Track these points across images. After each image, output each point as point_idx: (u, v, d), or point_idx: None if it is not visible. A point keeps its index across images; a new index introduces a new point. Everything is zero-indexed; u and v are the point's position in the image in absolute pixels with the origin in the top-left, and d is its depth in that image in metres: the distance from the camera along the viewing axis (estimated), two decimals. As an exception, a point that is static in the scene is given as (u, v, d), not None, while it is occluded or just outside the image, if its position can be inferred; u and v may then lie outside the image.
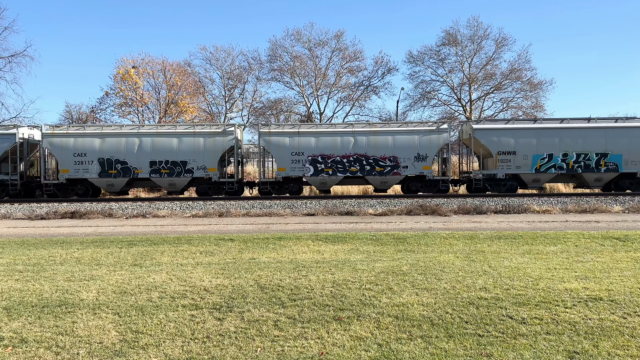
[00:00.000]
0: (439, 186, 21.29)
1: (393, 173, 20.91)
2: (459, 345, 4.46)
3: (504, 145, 20.77)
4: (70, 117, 45.84)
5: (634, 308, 5.40)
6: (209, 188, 21.44)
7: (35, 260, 8.43)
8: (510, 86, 41.86)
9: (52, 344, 4.63)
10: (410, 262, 7.89)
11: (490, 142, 20.93)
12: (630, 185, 20.97)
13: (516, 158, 20.75)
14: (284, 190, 21.39)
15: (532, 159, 20.75)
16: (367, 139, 20.95)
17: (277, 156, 21.25)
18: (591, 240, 9.75)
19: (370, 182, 21.46)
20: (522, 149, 20.72)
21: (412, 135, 21.01)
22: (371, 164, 20.90)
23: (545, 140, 20.72)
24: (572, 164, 20.59)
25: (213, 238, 10.56)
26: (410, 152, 20.85)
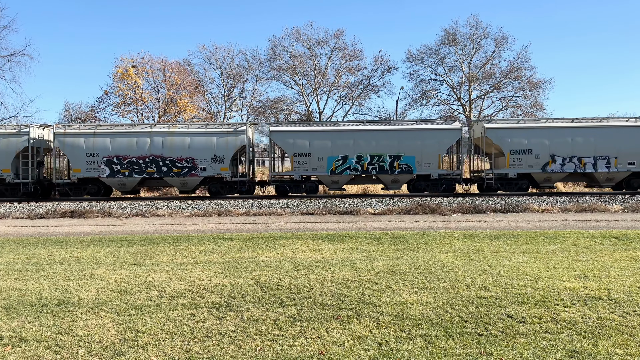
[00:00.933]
0: (239, 187, 21.28)
1: (191, 174, 20.87)
2: (459, 344, 4.47)
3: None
4: (69, 116, 45.82)
5: (633, 307, 5.40)
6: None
7: (35, 260, 8.43)
8: (509, 85, 41.87)
9: (52, 343, 4.63)
10: (410, 261, 7.90)
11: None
12: (427, 187, 21.22)
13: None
14: None
15: None
16: (164, 140, 20.85)
17: (71, 157, 21.08)
18: (590, 240, 9.75)
19: (171, 184, 21.45)
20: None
21: (209, 137, 20.95)
22: (168, 165, 20.83)
23: None
24: (366, 166, 20.62)
25: (212, 237, 10.55)
26: (207, 154, 20.82)
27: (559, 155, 20.66)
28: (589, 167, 20.62)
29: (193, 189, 21.77)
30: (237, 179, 21.32)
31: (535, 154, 20.67)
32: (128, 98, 36.62)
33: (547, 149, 20.64)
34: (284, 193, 21.07)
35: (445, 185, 21.04)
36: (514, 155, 20.71)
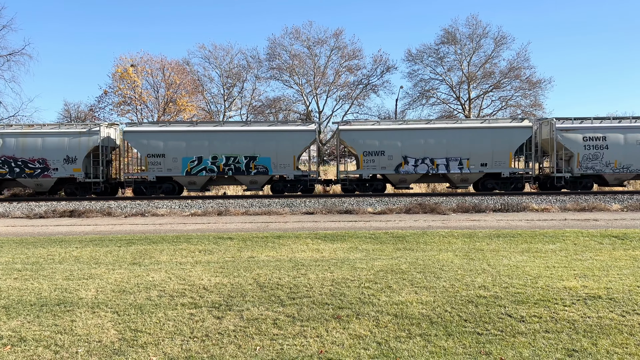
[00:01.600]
0: (94, 189, 21.11)
1: (43, 175, 20.61)
2: (458, 344, 4.47)
3: None
4: (69, 115, 45.77)
5: (632, 306, 5.41)
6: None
7: (34, 259, 8.42)
8: (509, 85, 41.93)
9: (51, 343, 4.62)
10: (410, 260, 7.90)
11: None
12: (285, 188, 21.19)
13: None
14: None
15: None
16: (16, 141, 20.53)
17: None
18: (590, 239, 9.76)
19: (25, 185, 21.21)
20: None
21: (61, 137, 20.65)
22: (20, 166, 20.53)
23: None
24: (222, 167, 20.49)
25: (212, 237, 10.55)
26: (59, 155, 20.56)
27: (411, 157, 20.57)
28: (442, 168, 20.58)
29: (49, 190, 21.48)
30: (91, 180, 21.00)
31: (388, 156, 20.57)
32: (127, 97, 36.62)
33: (400, 150, 20.56)
34: (141, 194, 20.86)
35: (303, 185, 21.04)
36: (368, 157, 20.65)
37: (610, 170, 20.58)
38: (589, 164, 20.56)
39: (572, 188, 21.01)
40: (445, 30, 42.07)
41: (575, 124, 20.98)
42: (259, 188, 21.41)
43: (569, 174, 20.89)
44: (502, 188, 21.06)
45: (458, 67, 42.34)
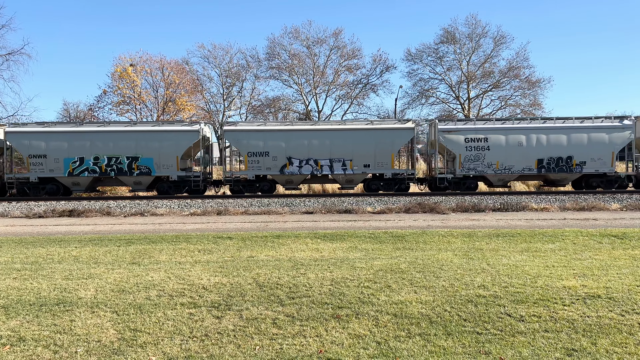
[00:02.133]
0: None
1: None
2: (458, 343, 4.47)
3: None
4: (68, 115, 45.73)
5: (632, 305, 5.41)
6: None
7: (33, 259, 8.42)
8: (508, 84, 41.92)
9: (50, 343, 4.62)
10: (409, 260, 7.90)
11: None
12: (170, 189, 21.13)
13: None
14: None
15: None
16: None
17: None
18: (589, 238, 9.76)
19: None
20: None
21: None
22: None
23: None
24: (104, 167, 20.42)
25: (211, 236, 10.55)
26: None
27: (295, 158, 20.62)
28: (326, 169, 20.65)
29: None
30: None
31: (273, 156, 20.61)
32: (127, 97, 36.59)
33: (284, 151, 20.60)
34: (25, 195, 20.77)
35: (188, 186, 21.07)
36: (252, 158, 20.69)
37: (492, 171, 20.70)
38: (470, 165, 20.66)
39: (456, 189, 21.15)
40: (444, 29, 42.09)
41: (459, 125, 21.14)
42: (144, 189, 21.45)
43: (451, 175, 21.09)
44: (386, 189, 21.19)
45: (457, 67, 42.36)
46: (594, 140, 20.52)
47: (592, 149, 20.51)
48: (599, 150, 20.52)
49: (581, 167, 20.56)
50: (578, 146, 20.53)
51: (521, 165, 20.59)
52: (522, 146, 20.56)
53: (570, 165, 20.59)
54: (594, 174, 20.81)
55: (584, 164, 20.56)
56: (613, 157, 20.68)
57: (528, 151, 20.54)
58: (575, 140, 20.56)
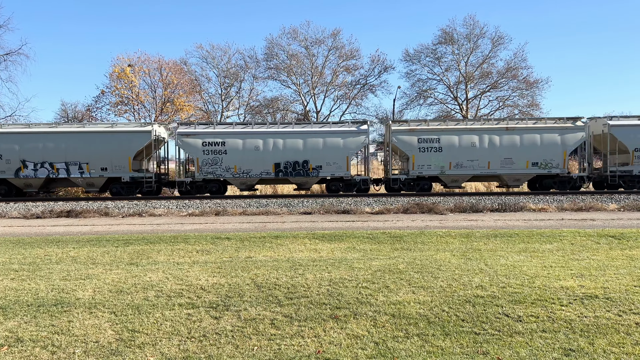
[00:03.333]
0: None
1: None
2: (456, 343, 4.47)
3: None
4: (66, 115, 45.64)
5: (629, 306, 5.42)
6: None
7: (31, 259, 8.40)
8: (506, 85, 41.95)
9: (48, 343, 4.61)
10: (407, 260, 7.90)
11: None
12: None
13: None
14: None
15: None
16: None
17: None
18: (587, 238, 9.78)
19: None
20: None
21: None
22: None
23: None
24: None
25: (209, 237, 10.54)
26: None
27: (30, 161, 20.44)
28: (63, 172, 20.44)
29: None
30: None
31: (6, 159, 20.36)
32: (125, 97, 36.53)
33: (18, 154, 20.38)
34: None
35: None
36: None
37: (230, 175, 20.75)
38: (209, 168, 20.69)
39: (197, 192, 21.23)
40: (442, 30, 42.08)
41: (199, 129, 21.21)
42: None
43: (190, 179, 21.19)
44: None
45: (455, 67, 42.35)
46: (330, 145, 20.72)
47: (328, 153, 20.73)
48: (335, 155, 20.68)
49: (317, 171, 20.71)
50: (314, 151, 20.68)
51: (259, 169, 20.70)
52: (258, 150, 20.65)
53: (307, 169, 20.72)
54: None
55: (320, 168, 20.74)
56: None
57: (265, 155, 20.65)
58: (310, 145, 20.70)
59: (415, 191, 21.00)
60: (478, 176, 21.41)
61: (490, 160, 20.71)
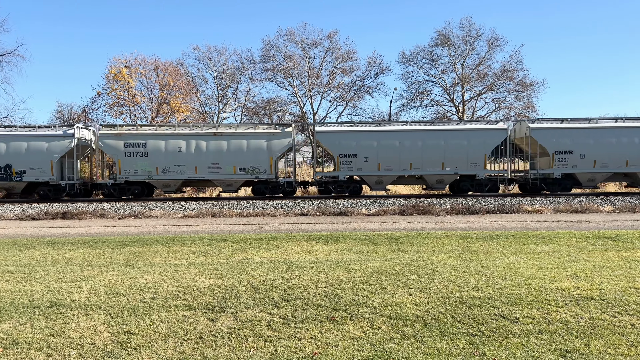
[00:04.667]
0: None
1: None
2: (452, 345, 4.48)
3: None
4: (62, 117, 45.51)
5: (624, 307, 5.44)
6: None
7: (27, 261, 8.37)
8: (502, 87, 42.08)
9: (44, 345, 4.59)
10: (403, 262, 7.91)
11: None
12: None
13: None
14: None
15: None
16: None
17: None
18: (582, 240, 9.81)
19: None
20: None
21: None
22: None
23: None
24: None
25: (206, 238, 10.52)
26: None
27: None
28: None
29: None
30: None
31: None
32: (121, 99, 36.47)
33: None
34: None
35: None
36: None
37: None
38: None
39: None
40: (439, 32, 42.12)
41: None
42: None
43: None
44: None
45: (452, 69, 42.44)
46: (33, 149, 20.64)
47: (30, 157, 20.60)
48: (38, 159, 20.63)
49: (21, 175, 20.72)
50: (16, 155, 20.62)
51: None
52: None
53: (10, 173, 20.72)
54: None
55: (23, 172, 20.73)
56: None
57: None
58: (13, 149, 20.65)
59: (125, 196, 21.12)
60: (188, 181, 21.58)
61: (198, 166, 20.79)
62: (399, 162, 20.96)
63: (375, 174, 21.08)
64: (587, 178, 21.35)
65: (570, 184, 21.43)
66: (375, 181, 21.41)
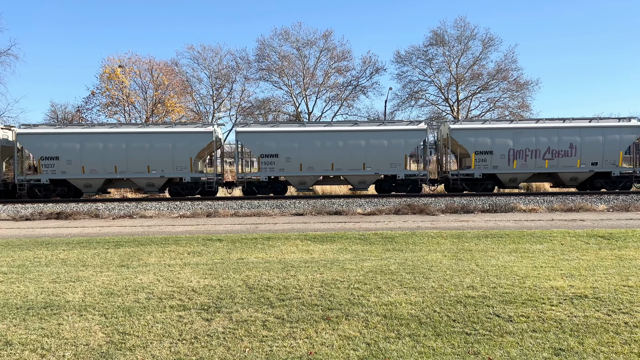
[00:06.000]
0: None
1: None
2: (447, 344, 4.49)
3: None
4: (55, 116, 45.30)
5: (618, 305, 5.47)
6: None
7: (20, 262, 8.32)
8: (496, 86, 42.25)
9: (38, 346, 4.57)
10: (399, 261, 7.92)
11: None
12: None
13: None
14: None
15: None
16: None
17: None
18: (576, 239, 9.86)
19: None
20: None
21: None
22: None
23: None
24: None
25: (201, 238, 10.50)
26: None
27: None
28: None
29: None
30: None
31: None
32: (115, 98, 36.35)
33: None
34: None
35: None
36: None
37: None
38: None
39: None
40: (433, 32, 42.27)
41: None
42: None
43: None
44: None
45: (446, 69, 42.58)
46: None
47: None
48: None
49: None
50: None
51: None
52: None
53: None
54: None
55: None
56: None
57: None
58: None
59: None
60: None
61: None
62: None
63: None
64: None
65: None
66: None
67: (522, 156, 21.00)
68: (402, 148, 20.98)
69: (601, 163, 20.92)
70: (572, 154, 20.95)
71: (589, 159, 20.94)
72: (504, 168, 21.02)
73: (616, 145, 20.87)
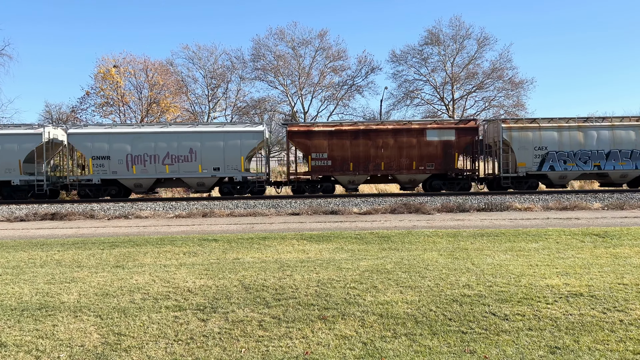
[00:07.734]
0: None
1: None
2: (443, 343, 4.50)
3: None
4: (50, 116, 45.10)
5: (613, 303, 5.49)
6: None
7: (15, 263, 8.28)
8: (492, 85, 42.34)
9: (32, 348, 4.55)
10: (395, 260, 7.93)
11: None
12: None
13: None
14: None
15: None
16: None
17: None
18: (572, 237, 9.89)
19: None
20: None
21: None
22: None
23: None
24: None
25: (197, 238, 10.48)
26: None
27: None
28: None
29: None
30: None
31: None
32: (110, 98, 36.21)
33: None
34: None
35: None
36: None
37: None
38: None
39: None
40: (428, 31, 42.33)
41: None
42: None
43: None
44: None
45: (442, 68, 42.65)
46: None
47: None
48: None
49: None
50: None
51: None
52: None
53: None
54: None
55: None
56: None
57: None
58: None
59: None
60: None
61: None
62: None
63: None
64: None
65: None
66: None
67: (141, 161, 20.64)
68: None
69: (223, 168, 20.79)
70: (192, 159, 20.72)
71: (210, 164, 20.79)
72: (124, 173, 20.68)
73: (237, 151, 20.79)
